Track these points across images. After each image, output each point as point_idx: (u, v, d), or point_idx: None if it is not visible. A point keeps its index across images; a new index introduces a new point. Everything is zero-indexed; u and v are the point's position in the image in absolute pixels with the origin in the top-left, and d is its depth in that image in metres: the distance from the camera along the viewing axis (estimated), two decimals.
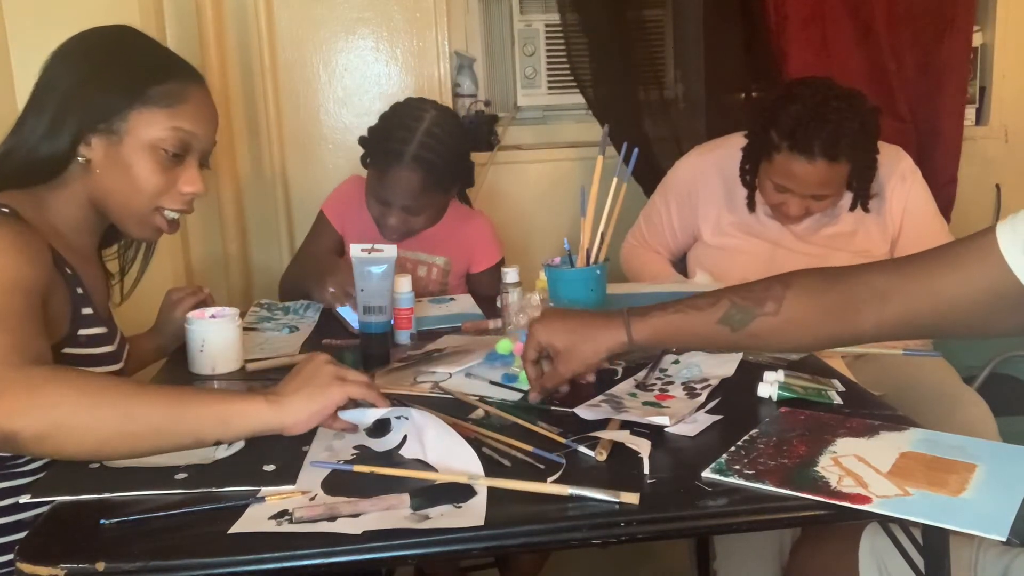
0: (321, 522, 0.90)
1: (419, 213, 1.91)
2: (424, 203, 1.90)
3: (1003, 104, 2.74)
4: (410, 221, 1.92)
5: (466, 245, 2.01)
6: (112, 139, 1.20)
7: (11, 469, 1.16)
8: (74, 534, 0.90)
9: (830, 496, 0.92)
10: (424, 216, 1.93)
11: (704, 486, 0.96)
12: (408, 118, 1.90)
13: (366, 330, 1.49)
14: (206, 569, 0.86)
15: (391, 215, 1.89)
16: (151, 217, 1.26)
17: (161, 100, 1.21)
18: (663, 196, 2.09)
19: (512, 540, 0.91)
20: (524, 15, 2.60)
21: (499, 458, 1.04)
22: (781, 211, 1.88)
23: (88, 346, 1.22)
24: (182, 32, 2.31)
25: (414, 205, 1.89)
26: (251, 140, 2.42)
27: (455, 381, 1.32)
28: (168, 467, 1.03)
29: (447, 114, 1.98)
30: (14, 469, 1.16)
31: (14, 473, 1.17)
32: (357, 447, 1.10)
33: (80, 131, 1.20)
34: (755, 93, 2.55)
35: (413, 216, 1.91)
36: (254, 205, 2.46)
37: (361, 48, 2.44)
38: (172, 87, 1.23)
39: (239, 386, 1.37)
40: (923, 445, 1.05)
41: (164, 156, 1.22)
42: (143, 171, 1.21)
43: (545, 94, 2.63)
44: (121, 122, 1.20)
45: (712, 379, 1.29)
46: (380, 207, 1.91)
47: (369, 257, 1.50)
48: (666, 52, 2.63)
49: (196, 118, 1.25)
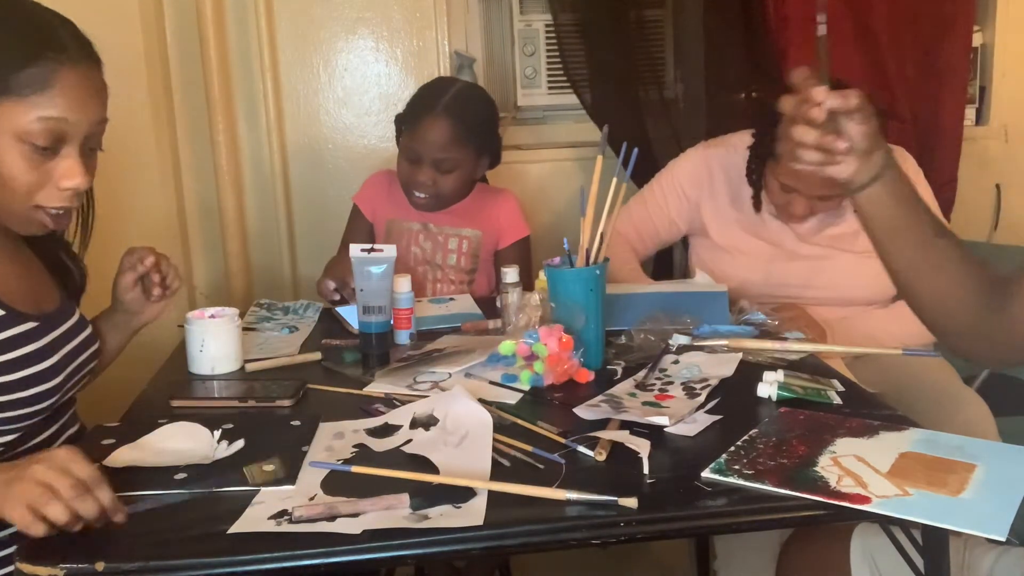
0: (321, 522, 0.90)
1: (449, 170, 1.92)
2: (454, 157, 1.92)
3: (1003, 104, 2.74)
4: (439, 181, 1.93)
5: (494, 219, 2.04)
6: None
7: None
8: (74, 534, 0.90)
9: (830, 496, 0.93)
10: (453, 177, 1.94)
11: (704, 486, 0.96)
12: (441, 82, 2.04)
13: (366, 330, 1.49)
14: (206, 569, 0.86)
15: (421, 172, 1.91)
16: (31, 214, 1.15)
17: (22, 88, 1.07)
18: (663, 186, 2.06)
19: (511, 540, 0.91)
20: (524, 15, 2.60)
21: (499, 458, 1.04)
22: (787, 210, 1.88)
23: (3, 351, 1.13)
24: (182, 32, 2.31)
25: (445, 159, 1.91)
26: (251, 140, 2.42)
27: (455, 381, 1.32)
28: (168, 467, 1.03)
29: (476, 87, 2.13)
30: None
31: None
32: (357, 446, 1.10)
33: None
34: (755, 93, 2.55)
35: (442, 174, 1.92)
36: (254, 205, 2.46)
37: (361, 48, 2.44)
38: (34, 72, 1.07)
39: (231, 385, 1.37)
40: (923, 445, 1.05)
41: (31, 150, 1.09)
42: (11, 169, 1.09)
43: (545, 94, 2.63)
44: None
45: (712, 379, 1.29)
46: (410, 167, 1.94)
47: (369, 257, 1.50)
48: (666, 52, 2.63)
49: (66, 103, 1.09)
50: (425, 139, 1.90)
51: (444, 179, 1.93)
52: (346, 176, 2.42)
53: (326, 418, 1.19)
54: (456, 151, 1.92)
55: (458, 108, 1.91)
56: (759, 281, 1.91)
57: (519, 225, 2.06)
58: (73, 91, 1.10)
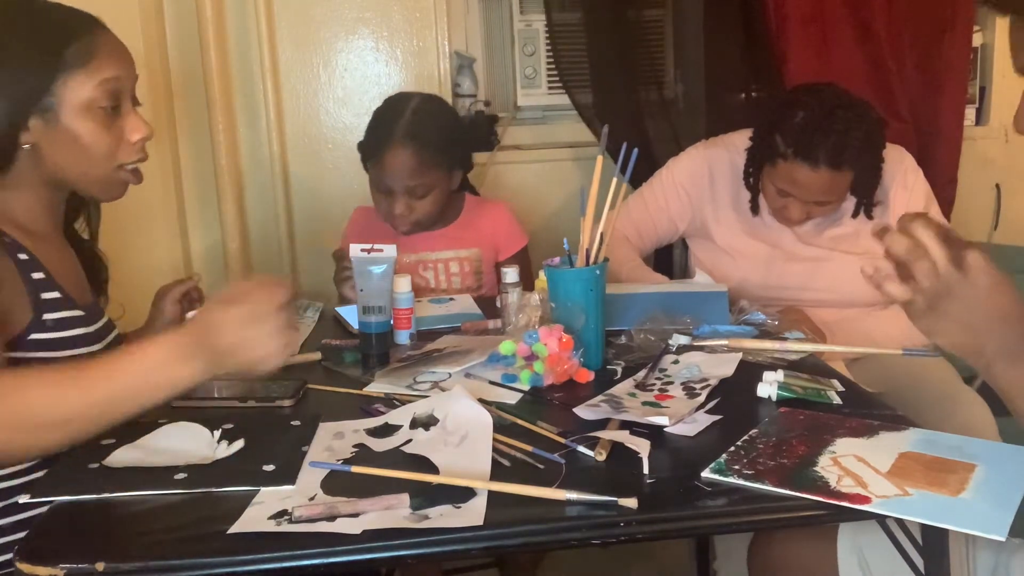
0: (320, 522, 0.90)
1: (423, 195, 1.88)
2: (426, 182, 1.87)
3: (1003, 104, 2.74)
4: (416, 207, 1.89)
5: (490, 235, 2.01)
6: (47, 116, 1.18)
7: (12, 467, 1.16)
8: (74, 534, 0.90)
9: (829, 496, 0.93)
10: (429, 199, 1.90)
11: (704, 486, 0.96)
12: (395, 103, 1.94)
13: (366, 330, 1.49)
14: (206, 569, 0.86)
15: (396, 203, 1.87)
16: (114, 176, 1.25)
17: (78, 60, 1.18)
18: (664, 185, 2.05)
19: (511, 540, 0.91)
20: (524, 15, 2.60)
21: (499, 458, 1.04)
22: (783, 214, 1.88)
23: (56, 330, 1.20)
24: (182, 32, 2.31)
25: (416, 186, 1.87)
26: (251, 140, 2.42)
27: (455, 381, 1.32)
28: (168, 467, 1.03)
29: (433, 98, 2.01)
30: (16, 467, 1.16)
31: (14, 473, 1.17)
32: (357, 446, 1.10)
33: (16, 122, 1.17)
34: (755, 93, 2.55)
35: (418, 200, 1.88)
36: (254, 205, 2.46)
37: (361, 48, 2.44)
38: (82, 43, 1.19)
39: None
40: (922, 445, 1.05)
41: (103, 113, 1.20)
42: (90, 135, 1.19)
43: (545, 94, 2.63)
44: (50, 97, 1.17)
45: (712, 379, 1.29)
46: (385, 200, 1.90)
47: (369, 257, 1.50)
48: (666, 52, 2.63)
49: (114, 62, 1.22)
50: (393, 171, 1.85)
51: (421, 204, 1.89)
52: (346, 176, 2.42)
53: (326, 418, 1.19)
54: (427, 175, 1.87)
55: (419, 130, 1.85)
56: (759, 283, 1.91)
57: (516, 235, 2.03)
58: (114, 51, 1.22)
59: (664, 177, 2.06)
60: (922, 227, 0.91)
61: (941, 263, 0.90)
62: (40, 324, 1.18)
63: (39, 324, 1.18)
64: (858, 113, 1.77)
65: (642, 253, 2.10)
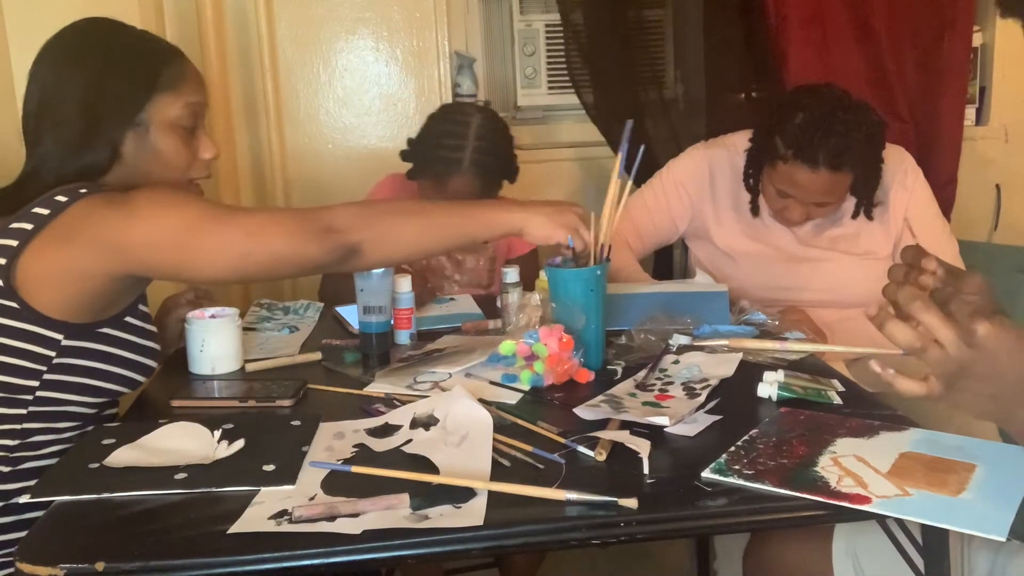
0: (321, 522, 0.90)
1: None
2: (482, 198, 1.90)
3: (1003, 104, 2.74)
4: None
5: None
6: (139, 130, 1.26)
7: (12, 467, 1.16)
8: (74, 534, 0.90)
9: (830, 496, 0.93)
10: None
11: (704, 486, 0.96)
12: (459, 127, 1.91)
13: (366, 330, 1.49)
14: (206, 569, 0.86)
15: None
16: (184, 187, 1.34)
17: (170, 82, 1.28)
18: (664, 185, 2.04)
19: (511, 540, 0.91)
20: (524, 15, 2.60)
21: (499, 458, 1.04)
22: (783, 216, 1.88)
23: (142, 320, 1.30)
24: (182, 32, 2.30)
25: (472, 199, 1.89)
26: (251, 140, 2.42)
27: (455, 381, 1.32)
28: (168, 467, 1.03)
29: (492, 116, 2.01)
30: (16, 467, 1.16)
31: (14, 473, 1.17)
32: (357, 446, 1.10)
33: (118, 135, 1.25)
34: (755, 93, 2.55)
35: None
36: (254, 205, 2.45)
37: (361, 48, 2.44)
38: (174, 67, 1.30)
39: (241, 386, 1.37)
40: (923, 445, 1.05)
41: (183, 131, 1.30)
42: (171, 151, 1.29)
43: (545, 94, 2.63)
44: (142, 113, 1.26)
45: (712, 379, 1.29)
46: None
47: None
48: (666, 52, 2.63)
49: (197, 88, 1.33)
50: (453, 194, 1.87)
51: None
52: (346, 176, 2.42)
53: (326, 418, 1.19)
54: (484, 194, 1.91)
55: (483, 160, 1.88)
56: (759, 283, 1.91)
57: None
58: (197, 77, 1.34)
59: (665, 177, 2.05)
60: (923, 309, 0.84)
61: (952, 348, 0.84)
62: (135, 310, 1.29)
63: (119, 321, 1.26)
64: (858, 115, 1.77)
65: (642, 254, 2.10)
